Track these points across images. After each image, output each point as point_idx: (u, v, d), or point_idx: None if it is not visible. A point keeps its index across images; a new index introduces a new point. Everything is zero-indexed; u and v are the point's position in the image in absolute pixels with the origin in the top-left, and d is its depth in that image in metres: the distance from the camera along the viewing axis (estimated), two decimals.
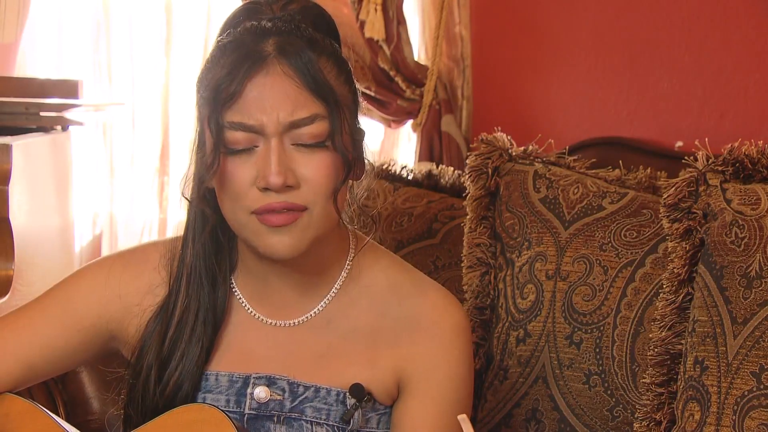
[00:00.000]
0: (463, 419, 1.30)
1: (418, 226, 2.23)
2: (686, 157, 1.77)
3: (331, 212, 1.49)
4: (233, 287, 1.60)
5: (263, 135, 1.45)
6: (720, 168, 1.73)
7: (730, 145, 1.75)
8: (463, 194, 2.07)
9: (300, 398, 1.55)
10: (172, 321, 1.57)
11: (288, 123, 1.45)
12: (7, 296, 2.12)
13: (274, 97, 1.44)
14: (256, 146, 1.46)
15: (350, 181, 1.54)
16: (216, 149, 1.46)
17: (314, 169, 1.46)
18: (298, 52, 1.45)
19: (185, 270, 1.57)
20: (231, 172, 1.46)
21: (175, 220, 3.02)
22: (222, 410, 1.49)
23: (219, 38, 1.51)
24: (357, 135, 1.53)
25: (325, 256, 1.55)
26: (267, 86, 1.44)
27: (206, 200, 1.53)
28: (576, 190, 1.97)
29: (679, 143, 2.47)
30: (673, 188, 1.73)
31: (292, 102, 1.45)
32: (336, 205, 1.49)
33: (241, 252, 1.59)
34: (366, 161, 1.55)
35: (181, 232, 1.60)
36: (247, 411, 1.56)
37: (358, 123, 1.54)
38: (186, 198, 1.55)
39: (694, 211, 1.72)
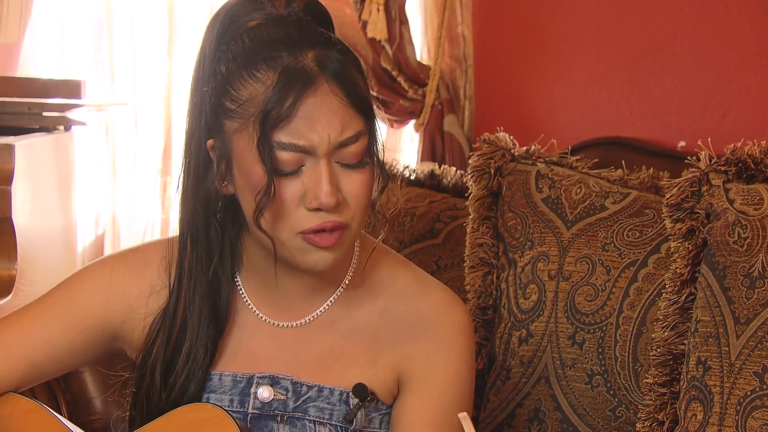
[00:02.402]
0: (464, 417, 1.30)
1: (420, 226, 2.23)
2: (689, 157, 1.77)
3: (364, 220, 1.51)
4: (239, 286, 1.60)
5: (312, 155, 1.44)
6: (723, 168, 1.73)
7: (732, 145, 1.75)
8: (466, 194, 2.07)
9: (303, 398, 1.55)
10: (174, 325, 1.56)
11: (338, 143, 1.44)
12: (9, 296, 2.12)
13: (324, 117, 1.43)
14: (302, 165, 1.45)
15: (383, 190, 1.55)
16: (269, 173, 1.44)
17: (358, 187, 1.47)
18: (337, 66, 1.44)
19: (185, 273, 1.56)
20: (278, 192, 1.45)
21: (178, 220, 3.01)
22: (225, 410, 1.49)
23: (231, 43, 1.46)
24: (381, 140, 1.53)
25: None
26: (317, 106, 1.43)
27: (214, 203, 1.53)
28: (578, 190, 1.97)
29: (682, 143, 2.47)
30: (676, 188, 1.73)
31: (340, 121, 1.44)
32: (374, 215, 1.51)
33: (251, 253, 1.57)
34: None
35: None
36: (250, 410, 1.56)
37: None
38: (209, 211, 1.53)
39: (697, 211, 1.72)
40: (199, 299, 1.56)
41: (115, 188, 3.03)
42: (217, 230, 1.55)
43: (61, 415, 1.73)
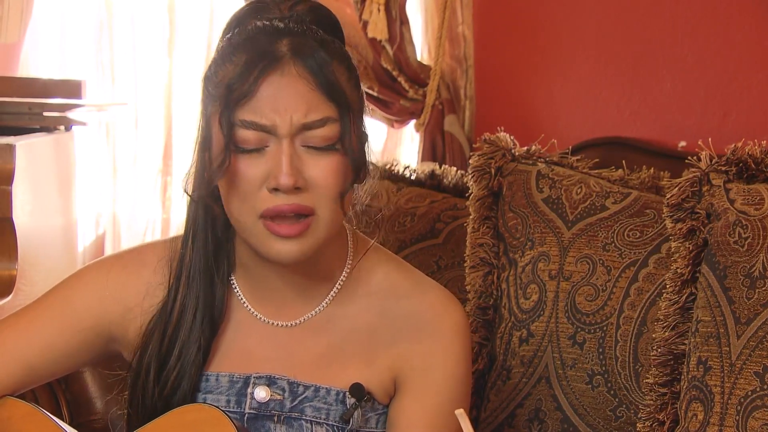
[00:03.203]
0: (461, 414, 1.30)
1: (421, 226, 2.23)
2: (689, 157, 1.77)
3: (337, 215, 1.50)
4: (234, 286, 1.60)
5: (275, 135, 1.45)
6: (723, 168, 1.73)
7: (733, 145, 1.75)
8: (466, 194, 2.07)
9: (300, 398, 1.55)
10: (170, 320, 1.57)
11: (301, 125, 1.45)
12: (10, 296, 2.12)
13: (288, 98, 1.44)
14: (266, 146, 1.46)
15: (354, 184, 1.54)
16: (227, 147, 1.45)
17: (323, 172, 1.47)
18: (312, 53, 1.45)
19: (184, 269, 1.57)
20: (241, 171, 1.46)
21: (178, 220, 3.02)
22: (222, 410, 1.49)
23: (227, 36, 1.51)
24: (363, 138, 1.53)
25: (325, 257, 1.55)
26: (281, 86, 1.44)
27: (212, 197, 1.53)
28: (579, 190, 1.96)
29: (682, 143, 2.47)
30: (677, 188, 1.73)
31: (306, 103, 1.45)
32: (342, 208, 1.49)
33: (240, 252, 1.58)
34: (370, 164, 1.55)
35: (182, 232, 1.60)
36: (247, 411, 1.56)
37: (364, 126, 1.54)
38: (188, 194, 1.54)
39: (698, 211, 1.71)
40: (194, 296, 1.57)
41: (115, 188, 3.03)
42: (215, 229, 1.56)
43: (60, 416, 1.73)
